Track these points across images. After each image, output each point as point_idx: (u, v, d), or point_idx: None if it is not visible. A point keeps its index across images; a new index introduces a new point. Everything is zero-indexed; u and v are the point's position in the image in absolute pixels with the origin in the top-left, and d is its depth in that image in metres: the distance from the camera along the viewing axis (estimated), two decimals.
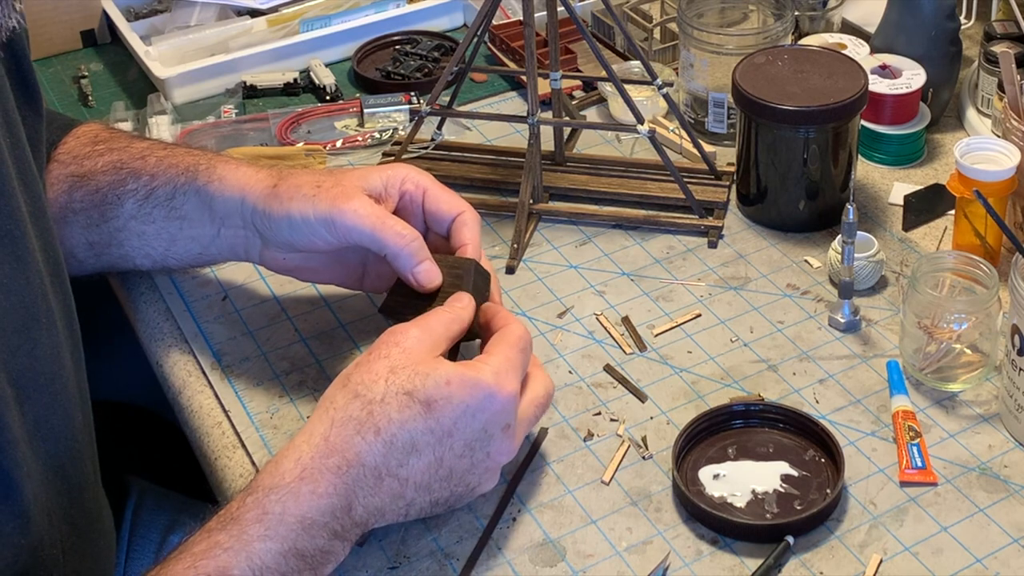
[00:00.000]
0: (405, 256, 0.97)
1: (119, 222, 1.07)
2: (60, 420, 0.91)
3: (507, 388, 0.88)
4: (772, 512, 0.94)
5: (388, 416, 0.86)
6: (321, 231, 0.99)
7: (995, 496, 0.95)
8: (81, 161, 1.09)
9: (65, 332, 0.94)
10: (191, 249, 1.08)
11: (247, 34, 1.53)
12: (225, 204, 1.04)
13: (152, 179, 1.06)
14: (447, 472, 0.88)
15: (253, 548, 0.82)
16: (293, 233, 1.01)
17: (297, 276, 1.10)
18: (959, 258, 1.06)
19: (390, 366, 0.88)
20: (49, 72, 1.56)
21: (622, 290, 1.16)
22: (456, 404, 0.87)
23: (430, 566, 0.92)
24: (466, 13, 1.58)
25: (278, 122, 1.40)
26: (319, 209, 0.99)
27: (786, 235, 1.21)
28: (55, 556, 0.90)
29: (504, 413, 0.88)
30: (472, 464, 0.89)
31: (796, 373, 1.06)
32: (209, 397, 1.08)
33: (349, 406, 0.87)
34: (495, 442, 0.89)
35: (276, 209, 1.01)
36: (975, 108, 1.35)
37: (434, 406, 0.86)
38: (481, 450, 0.88)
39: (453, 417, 0.87)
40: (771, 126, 1.18)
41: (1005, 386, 1.00)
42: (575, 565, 0.92)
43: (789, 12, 1.32)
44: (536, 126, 1.21)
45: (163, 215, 1.06)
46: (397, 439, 0.86)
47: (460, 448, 0.88)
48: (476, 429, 0.88)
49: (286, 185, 1.02)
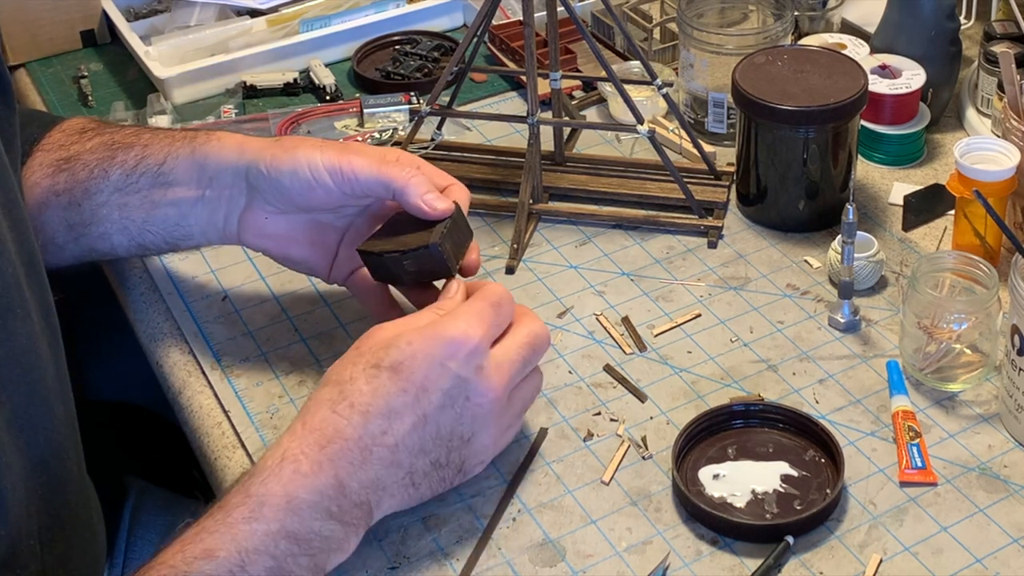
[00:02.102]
0: (412, 186, 0.99)
1: (102, 196, 1.07)
2: (39, 411, 0.92)
3: (470, 332, 0.89)
4: (772, 512, 0.94)
5: (359, 389, 0.87)
6: (326, 179, 1.01)
7: (995, 496, 0.95)
8: (68, 147, 1.09)
9: (42, 324, 0.94)
10: (169, 216, 1.07)
11: (247, 34, 1.53)
12: (220, 161, 1.05)
13: (144, 149, 1.07)
14: (435, 428, 0.89)
15: (238, 530, 0.82)
16: (295, 182, 1.02)
17: (272, 251, 1.08)
18: (959, 258, 1.06)
19: (358, 351, 0.90)
20: (49, 72, 1.56)
21: (622, 290, 1.16)
22: (421, 359, 0.88)
23: (430, 566, 0.92)
24: (466, 13, 1.57)
25: (278, 122, 1.40)
26: (327, 157, 1.01)
27: (786, 235, 1.21)
28: (32, 547, 0.90)
29: (473, 355, 0.89)
30: (458, 414, 0.89)
31: (796, 373, 1.06)
32: (209, 397, 1.08)
33: (321, 392, 0.89)
34: (472, 384, 0.89)
35: (280, 156, 1.02)
36: (975, 108, 1.35)
37: (400, 368, 0.88)
38: (460, 396, 0.89)
39: (422, 372, 0.88)
40: (771, 126, 1.18)
41: (1005, 386, 1.00)
42: (575, 565, 0.92)
43: (789, 12, 1.33)
44: (536, 126, 1.21)
45: (148, 183, 1.06)
46: (372, 408, 0.87)
47: (439, 399, 0.88)
48: (448, 377, 0.88)
49: (289, 139, 1.04)
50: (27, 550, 0.89)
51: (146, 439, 1.40)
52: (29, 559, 0.89)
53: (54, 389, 0.94)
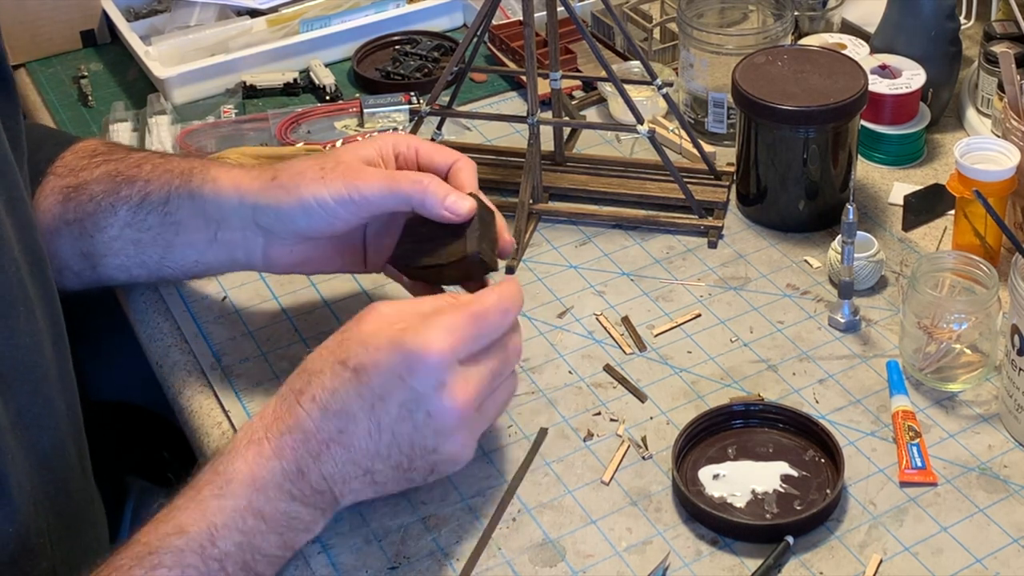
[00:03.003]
0: (431, 197, 0.98)
1: (114, 231, 1.06)
2: (43, 409, 0.92)
3: (431, 348, 0.86)
4: (772, 512, 0.94)
5: (323, 384, 0.87)
6: (339, 211, 0.99)
7: (995, 496, 0.95)
8: (77, 173, 1.08)
9: (46, 322, 0.94)
10: (187, 256, 1.07)
11: (247, 34, 1.53)
12: (220, 206, 1.04)
13: (147, 184, 1.06)
14: (391, 437, 0.87)
15: (208, 506, 0.84)
16: (309, 219, 1.00)
17: (304, 270, 1.09)
18: (959, 258, 1.06)
19: (340, 339, 0.89)
20: (49, 72, 1.56)
21: (622, 290, 1.16)
22: (382, 368, 0.86)
23: (430, 566, 0.92)
24: (466, 13, 1.58)
25: (278, 122, 1.40)
26: (333, 189, 0.99)
27: (786, 235, 1.21)
28: (43, 545, 0.90)
29: (432, 371, 0.86)
30: (415, 427, 0.87)
31: (796, 373, 1.06)
32: (209, 397, 1.08)
33: (295, 379, 0.89)
34: (431, 401, 0.86)
35: (284, 199, 1.01)
36: (975, 108, 1.35)
37: (362, 372, 0.87)
38: (419, 410, 0.87)
39: (380, 381, 0.86)
40: (771, 126, 1.18)
41: (1005, 386, 1.00)
42: (575, 565, 0.92)
43: (789, 12, 1.33)
44: (536, 126, 1.21)
45: (157, 221, 1.05)
46: (330, 405, 0.87)
47: (395, 411, 0.87)
48: (405, 391, 0.86)
49: (287, 175, 1.01)
50: (37, 547, 0.89)
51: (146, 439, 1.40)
52: (40, 556, 0.90)
53: (58, 387, 0.95)
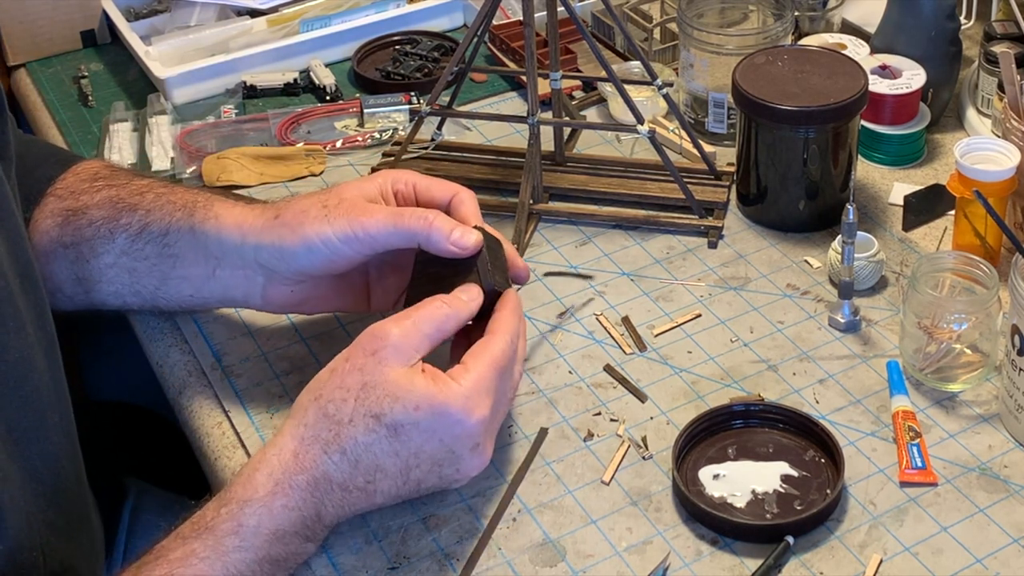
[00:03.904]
0: (436, 232, 0.96)
1: (110, 258, 1.05)
2: (34, 423, 0.91)
3: (476, 414, 0.89)
4: (772, 512, 0.94)
5: (354, 439, 0.88)
6: (343, 248, 0.98)
7: (995, 496, 0.95)
8: (78, 196, 1.08)
9: (37, 335, 0.93)
10: (182, 289, 1.06)
11: (247, 34, 1.53)
12: (221, 244, 1.02)
13: (147, 214, 1.05)
14: (415, 484, 0.91)
15: (229, 559, 0.85)
16: (312, 257, 0.99)
17: (303, 310, 1.08)
18: (959, 258, 1.06)
19: (362, 382, 0.88)
20: (49, 72, 1.56)
21: (622, 290, 1.16)
22: (423, 430, 0.88)
23: (430, 566, 0.92)
24: (466, 13, 1.58)
25: (278, 122, 1.40)
26: (337, 227, 0.97)
27: (786, 235, 1.21)
28: (34, 560, 0.90)
29: (472, 436, 0.89)
30: (441, 478, 0.91)
31: (796, 373, 1.06)
32: (209, 397, 1.08)
33: (318, 424, 0.89)
34: (464, 461, 0.90)
35: (288, 237, 0.99)
36: (975, 108, 1.35)
37: (400, 431, 0.88)
38: (450, 467, 0.90)
39: (419, 442, 0.88)
40: (771, 126, 1.18)
41: (1005, 386, 1.00)
42: (575, 565, 0.92)
43: (789, 12, 1.33)
44: (536, 126, 1.21)
45: (155, 252, 1.05)
46: (363, 460, 0.88)
47: (427, 466, 0.90)
48: (443, 451, 0.89)
49: (290, 213, 1.00)
50: (28, 562, 0.89)
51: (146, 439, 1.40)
52: (31, 571, 0.89)
53: (50, 400, 0.94)
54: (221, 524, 0.86)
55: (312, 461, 0.88)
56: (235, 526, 0.86)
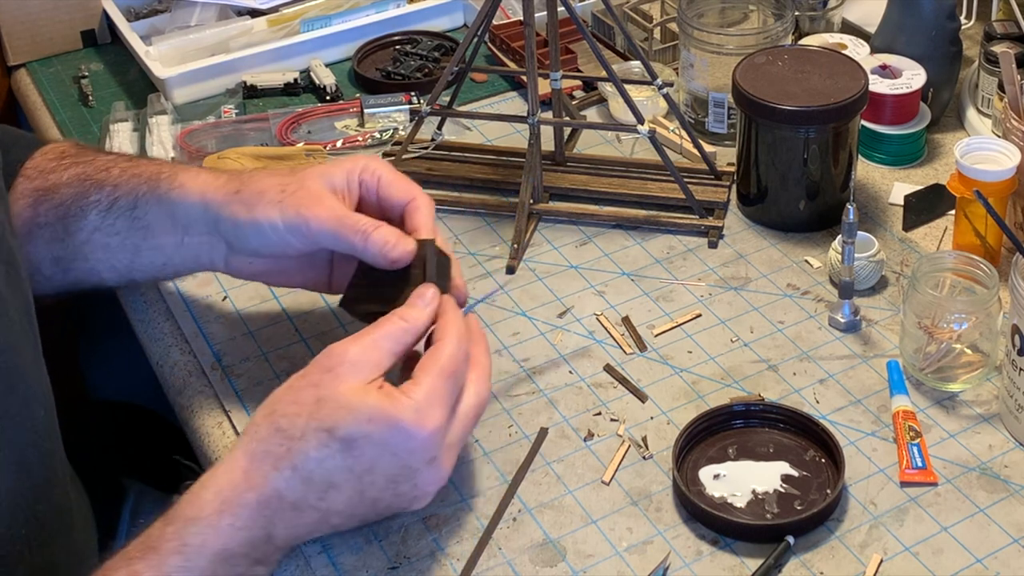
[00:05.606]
0: (371, 246, 0.96)
1: (83, 235, 1.06)
2: (20, 412, 0.91)
3: (429, 425, 0.86)
4: (772, 512, 0.94)
5: (305, 454, 0.85)
6: (289, 238, 0.98)
7: (995, 496, 0.95)
8: (46, 175, 1.08)
9: (22, 325, 0.93)
10: (155, 260, 1.06)
11: (247, 34, 1.53)
12: (187, 211, 1.03)
13: (115, 189, 1.05)
14: (371, 502, 0.88)
15: None
16: (261, 239, 1.00)
17: (265, 281, 1.08)
18: (959, 258, 1.06)
19: (317, 397, 0.86)
20: (49, 72, 1.56)
21: (622, 290, 1.16)
22: (376, 443, 0.85)
23: (430, 566, 0.92)
24: (466, 13, 1.58)
25: (278, 122, 1.40)
26: (287, 215, 0.98)
27: (786, 235, 1.21)
28: (20, 551, 0.89)
29: (426, 450, 0.87)
30: (397, 494, 0.88)
31: (796, 373, 1.06)
32: (209, 397, 1.08)
33: (270, 440, 0.86)
34: (420, 475, 0.87)
35: (242, 215, 1.00)
36: (975, 108, 1.35)
37: (353, 445, 0.85)
38: (406, 482, 0.88)
39: (372, 456, 0.86)
40: (771, 126, 1.18)
41: (1005, 386, 1.00)
42: (575, 565, 0.92)
43: (789, 12, 1.33)
44: (536, 126, 1.21)
45: (126, 226, 1.05)
46: (314, 476, 0.86)
47: (382, 482, 0.87)
48: (397, 466, 0.87)
49: (249, 191, 1.00)
50: (14, 554, 0.89)
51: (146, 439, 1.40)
52: (16, 562, 0.89)
53: (36, 391, 0.94)
54: (165, 544, 0.83)
55: (262, 478, 0.85)
56: (179, 545, 0.83)
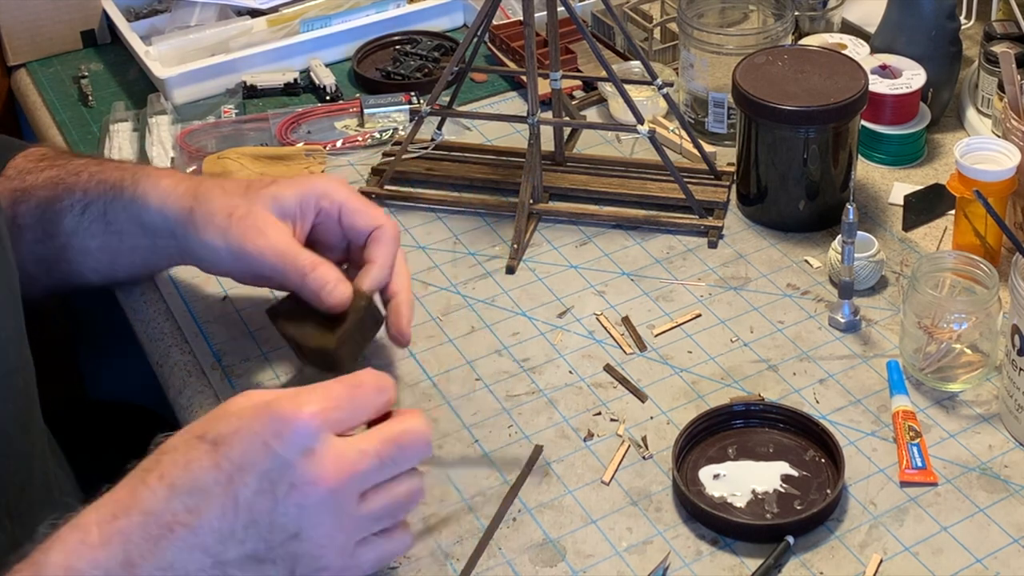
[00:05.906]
0: (309, 283, 0.98)
1: (62, 238, 1.07)
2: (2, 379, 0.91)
3: (304, 410, 0.78)
4: (772, 512, 0.94)
5: (174, 460, 0.78)
6: (233, 264, 1.01)
7: (995, 496, 0.95)
8: (24, 176, 1.09)
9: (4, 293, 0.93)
10: (134, 260, 1.09)
11: (247, 34, 1.53)
12: (151, 219, 1.05)
13: (85, 195, 1.07)
14: (249, 515, 0.77)
15: None
16: (210, 259, 1.03)
17: (239, 281, 1.09)
18: (959, 258, 1.06)
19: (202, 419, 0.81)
20: (49, 72, 1.56)
21: (622, 290, 1.16)
22: (244, 435, 0.77)
23: (430, 566, 0.92)
24: (466, 13, 1.58)
25: (278, 122, 1.40)
26: (231, 244, 1.00)
27: (786, 235, 1.21)
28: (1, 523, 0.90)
29: (300, 436, 0.77)
30: (277, 502, 0.77)
31: (796, 373, 1.06)
32: (209, 397, 1.08)
33: (147, 461, 0.80)
34: (296, 471, 0.77)
35: (191, 233, 1.02)
36: (975, 108, 1.35)
37: (221, 442, 0.78)
38: (282, 481, 0.77)
39: (241, 449, 0.77)
40: (771, 126, 1.18)
41: (1005, 386, 1.00)
42: (575, 565, 0.92)
43: (789, 12, 1.33)
44: (536, 126, 1.21)
45: (101, 230, 1.07)
46: (180, 481, 0.77)
47: (255, 483, 0.77)
48: (269, 458, 0.77)
49: (200, 211, 1.02)
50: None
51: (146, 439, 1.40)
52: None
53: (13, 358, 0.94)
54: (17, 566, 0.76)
55: (126, 492, 0.78)
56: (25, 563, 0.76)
